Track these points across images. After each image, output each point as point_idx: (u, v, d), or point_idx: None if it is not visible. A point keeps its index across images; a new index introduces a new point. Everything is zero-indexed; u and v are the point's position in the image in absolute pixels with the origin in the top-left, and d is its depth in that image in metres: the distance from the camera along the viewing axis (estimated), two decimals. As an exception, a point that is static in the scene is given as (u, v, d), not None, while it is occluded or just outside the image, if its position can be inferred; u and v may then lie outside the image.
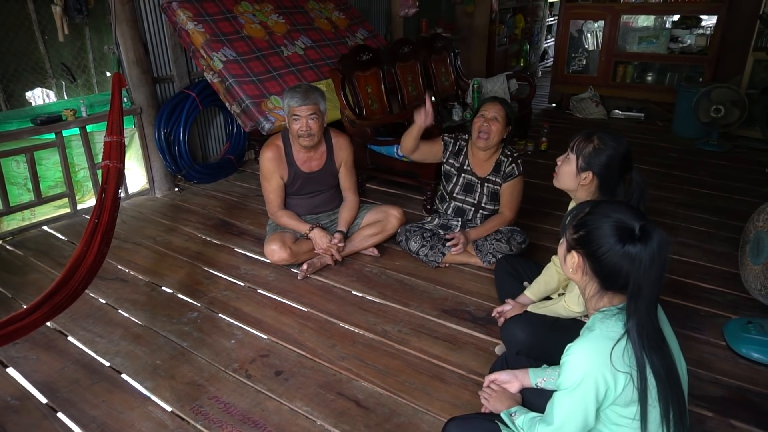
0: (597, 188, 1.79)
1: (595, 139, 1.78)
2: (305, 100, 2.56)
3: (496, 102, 2.61)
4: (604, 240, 1.17)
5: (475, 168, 2.74)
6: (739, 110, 4.56)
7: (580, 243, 1.23)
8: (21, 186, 3.36)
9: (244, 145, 4.34)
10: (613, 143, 1.77)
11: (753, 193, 3.76)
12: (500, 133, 2.59)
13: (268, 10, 4.10)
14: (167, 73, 3.92)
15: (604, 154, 1.76)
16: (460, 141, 2.79)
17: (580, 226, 1.23)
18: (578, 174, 1.80)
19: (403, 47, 4.11)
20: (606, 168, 1.76)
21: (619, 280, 1.18)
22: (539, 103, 6.37)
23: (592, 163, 1.77)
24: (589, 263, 1.22)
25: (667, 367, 1.15)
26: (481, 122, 2.58)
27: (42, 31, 3.28)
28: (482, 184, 2.73)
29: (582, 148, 1.79)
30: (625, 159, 1.76)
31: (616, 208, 1.20)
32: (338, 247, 2.73)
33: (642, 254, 1.11)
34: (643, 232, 1.12)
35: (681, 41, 5.64)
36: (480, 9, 6.81)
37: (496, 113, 2.57)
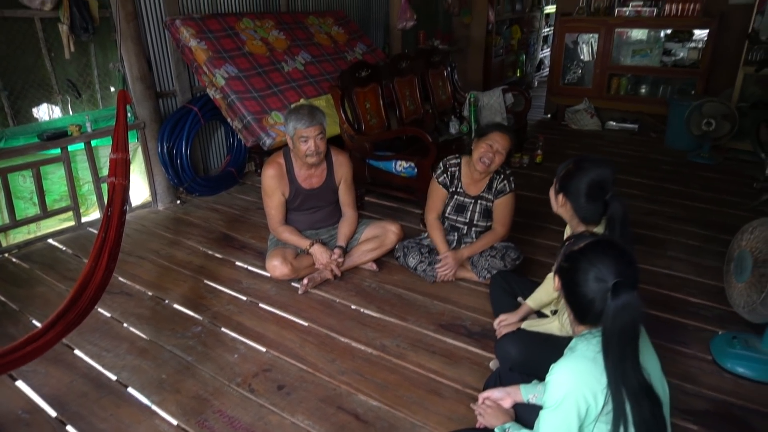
0: (574, 212, 1.84)
1: (571, 164, 1.84)
2: (312, 121, 2.63)
3: (506, 135, 2.66)
4: (581, 283, 1.27)
5: (468, 188, 2.82)
6: (729, 124, 4.67)
7: (562, 273, 1.32)
8: (27, 200, 3.43)
9: (244, 157, 4.42)
10: (586, 169, 1.79)
11: (743, 206, 3.85)
12: (500, 164, 2.68)
13: (269, 26, 4.19)
14: (170, 88, 4.00)
15: (574, 178, 1.80)
16: (450, 168, 2.84)
17: (568, 258, 1.32)
18: (556, 197, 1.88)
19: (401, 62, 4.20)
20: (575, 193, 1.79)
21: (588, 318, 1.27)
22: (535, 114, 6.47)
23: (563, 185, 1.83)
24: (566, 294, 1.31)
25: (647, 413, 1.20)
26: (487, 150, 2.64)
27: (48, 48, 3.35)
28: (475, 202, 2.81)
29: (560, 171, 1.87)
30: (598, 185, 1.76)
31: (601, 257, 1.26)
32: (338, 262, 2.80)
33: (608, 309, 1.19)
34: (614, 290, 1.20)
35: (674, 54, 5.75)
36: (477, 20, 6.93)
37: (502, 147, 2.63)
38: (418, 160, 3.42)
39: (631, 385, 1.18)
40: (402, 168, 3.51)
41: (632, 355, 1.20)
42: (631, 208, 3.82)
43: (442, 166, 2.86)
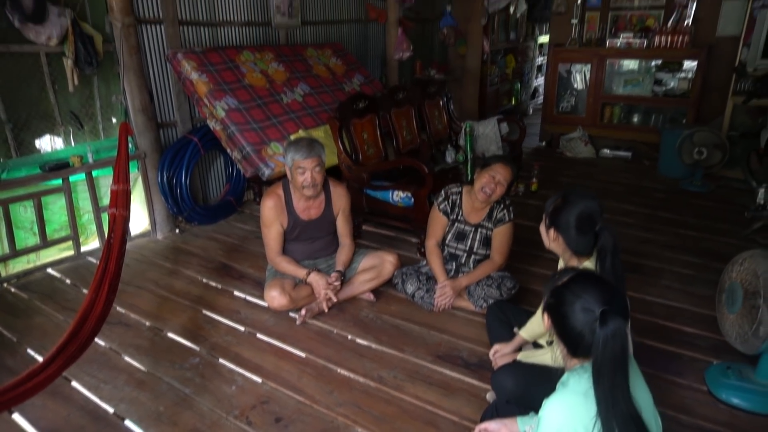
0: (566, 245, 1.89)
1: (559, 198, 1.89)
2: (310, 153, 2.69)
3: (508, 167, 2.73)
4: (569, 315, 1.30)
5: (469, 216, 2.88)
6: (720, 152, 4.75)
7: (550, 309, 1.36)
8: (27, 230, 3.46)
9: (243, 186, 4.48)
10: (574, 202, 1.83)
11: (736, 234, 3.90)
12: (501, 195, 2.75)
13: (268, 58, 4.28)
14: (171, 119, 4.08)
15: (563, 213, 1.84)
16: (452, 196, 2.91)
17: (553, 294, 1.36)
18: (547, 232, 1.93)
19: (398, 93, 4.29)
20: (566, 227, 1.84)
21: (579, 350, 1.30)
22: (530, 142, 6.56)
23: (553, 220, 1.88)
24: (556, 329, 1.35)
25: None
26: (489, 181, 2.70)
27: (53, 82, 3.43)
28: (475, 230, 2.87)
29: (549, 207, 1.92)
30: (587, 218, 1.81)
31: (586, 290, 1.31)
32: (335, 286, 2.83)
33: (598, 337, 1.23)
34: (602, 318, 1.23)
35: (664, 84, 5.88)
36: (472, 51, 7.09)
37: (504, 178, 2.70)
38: (415, 190, 3.47)
39: (621, 414, 1.20)
40: (399, 198, 3.56)
41: (623, 383, 1.22)
42: (625, 236, 3.88)
43: (443, 194, 2.93)
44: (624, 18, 5.99)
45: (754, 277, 2.07)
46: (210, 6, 4.15)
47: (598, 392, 1.22)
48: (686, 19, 5.49)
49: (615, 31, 6.00)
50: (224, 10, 4.27)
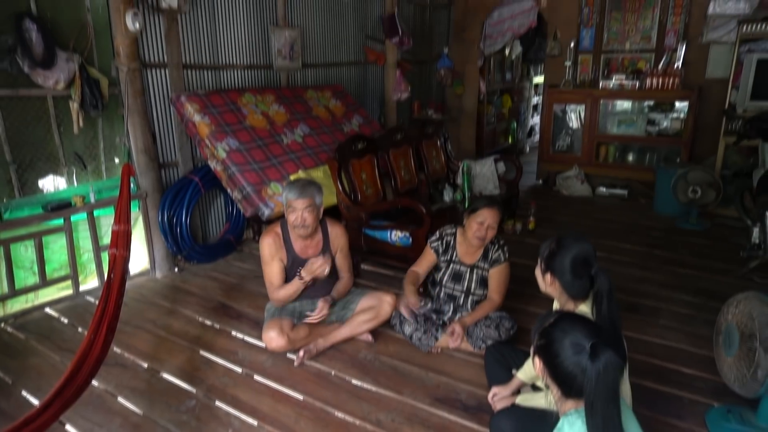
0: (563, 289, 1.91)
1: (553, 243, 1.92)
2: (301, 194, 2.75)
3: (495, 209, 2.79)
4: (560, 353, 1.32)
5: (464, 257, 2.92)
6: (714, 191, 4.81)
7: (541, 350, 1.37)
8: (27, 269, 3.47)
9: (242, 225, 4.51)
10: (568, 246, 1.87)
11: (732, 273, 3.91)
12: (494, 235, 2.81)
13: (269, 100, 4.39)
14: (172, 159, 4.14)
15: (557, 257, 1.88)
16: (446, 237, 2.96)
17: (542, 335, 1.38)
18: (543, 277, 1.95)
19: (396, 134, 4.38)
20: (561, 271, 1.86)
21: (573, 389, 1.31)
22: (527, 180, 6.64)
23: (549, 265, 1.91)
24: (548, 370, 1.36)
25: None
26: (479, 228, 2.77)
27: (58, 124, 3.50)
28: (471, 270, 2.90)
29: (543, 251, 1.95)
30: (582, 262, 1.84)
31: (574, 325, 1.34)
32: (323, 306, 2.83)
33: (590, 371, 1.24)
34: (592, 351, 1.25)
35: (657, 124, 6.00)
36: (469, 91, 7.26)
37: (493, 221, 2.77)
38: (413, 230, 3.51)
39: None
40: (397, 237, 3.59)
41: (616, 417, 1.23)
42: (622, 275, 3.89)
43: (438, 234, 2.99)
44: (616, 60, 6.16)
45: (750, 320, 2.08)
46: (213, 51, 4.28)
47: (590, 427, 1.23)
48: (676, 62, 5.65)
49: (608, 72, 6.16)
50: (227, 55, 4.40)
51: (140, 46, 3.75)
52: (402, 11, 6.02)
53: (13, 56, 3.12)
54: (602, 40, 6.17)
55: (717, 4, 5.34)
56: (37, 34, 3.18)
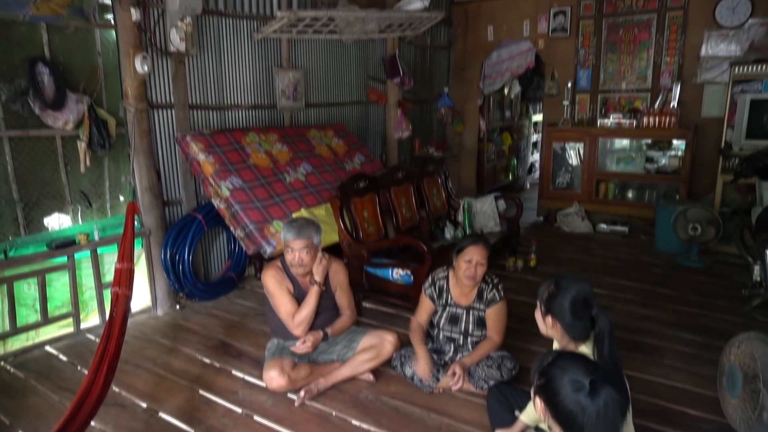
0: (564, 331, 1.92)
1: (552, 285, 1.93)
2: (299, 235, 2.79)
3: (481, 246, 2.80)
4: (560, 390, 1.32)
5: (459, 299, 2.92)
6: (714, 228, 4.83)
7: (541, 390, 1.38)
8: (29, 307, 3.48)
9: (244, 262, 4.53)
10: (567, 288, 1.88)
11: (735, 311, 3.90)
12: (484, 271, 2.81)
13: (273, 139, 4.47)
14: (176, 197, 4.20)
15: (557, 299, 1.88)
16: (439, 282, 2.96)
17: (542, 374, 1.38)
18: (544, 319, 1.95)
19: (398, 173, 4.44)
20: (562, 313, 1.87)
21: (575, 428, 1.31)
22: (528, 216, 6.66)
23: (549, 308, 1.92)
24: (549, 410, 1.36)
25: None
26: (468, 266, 2.78)
27: (66, 163, 3.58)
28: (467, 312, 2.89)
29: (542, 294, 1.96)
30: (582, 303, 1.85)
31: (572, 363, 1.35)
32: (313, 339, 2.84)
33: (590, 409, 1.24)
34: (592, 388, 1.26)
35: (656, 162, 6.07)
36: (469, 129, 7.38)
37: (481, 258, 2.78)
38: (414, 268, 3.53)
39: None
40: (399, 275, 3.60)
41: None
42: (624, 313, 3.88)
43: (430, 280, 2.99)
44: (613, 99, 6.28)
45: (752, 360, 2.07)
46: (219, 91, 4.39)
47: None
48: (672, 101, 5.76)
49: (605, 111, 6.27)
50: (232, 95, 4.51)
51: (148, 88, 3.85)
52: (403, 52, 6.18)
53: (25, 98, 3.21)
54: (599, 80, 6.30)
55: (709, 47, 5.50)
56: (49, 77, 3.29)
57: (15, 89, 3.20)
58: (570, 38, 6.36)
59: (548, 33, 6.49)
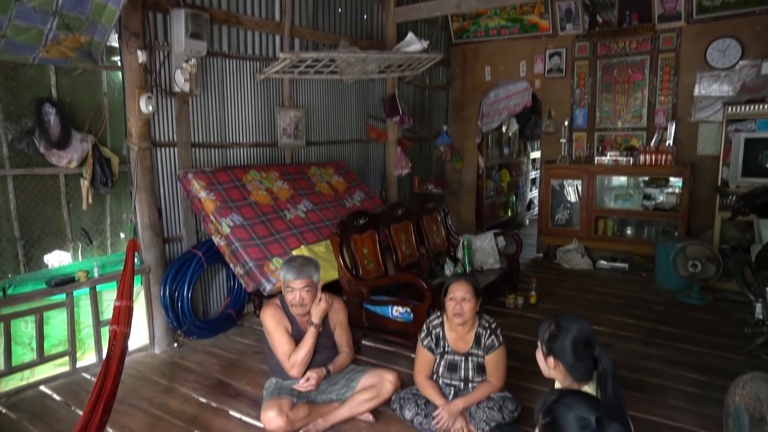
0: (567, 372, 1.90)
1: (552, 325, 1.92)
2: (299, 274, 2.79)
3: (462, 281, 2.79)
4: (566, 428, 1.31)
5: (456, 345, 2.85)
6: (714, 266, 4.83)
7: (546, 428, 1.37)
8: (25, 345, 3.44)
9: (243, 299, 4.51)
10: (567, 328, 1.87)
11: (738, 349, 3.86)
12: (473, 309, 2.76)
13: (274, 177, 4.52)
14: (177, 234, 4.21)
15: (558, 340, 1.87)
16: (434, 330, 2.89)
17: (546, 413, 1.37)
18: (546, 360, 1.94)
19: (397, 209, 4.47)
20: (563, 353, 1.85)
21: None
22: (528, 253, 6.67)
23: (551, 348, 1.90)
24: None
25: None
26: (453, 305, 2.75)
27: (68, 200, 3.60)
28: (466, 359, 2.83)
29: (543, 334, 1.94)
30: (583, 343, 1.84)
31: (577, 400, 1.34)
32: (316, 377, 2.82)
33: None
34: (598, 425, 1.25)
35: (653, 199, 6.12)
36: (468, 166, 7.46)
37: (464, 293, 2.74)
38: (414, 306, 3.51)
39: None
40: (398, 313, 3.58)
41: None
42: (626, 351, 3.84)
43: (425, 329, 2.91)
44: (609, 138, 6.38)
45: (758, 402, 2.05)
46: (221, 130, 4.46)
47: None
48: (667, 139, 5.85)
49: (602, 149, 6.35)
50: (234, 134, 4.58)
51: (152, 127, 3.92)
52: (402, 92, 6.32)
53: (30, 138, 3.27)
54: (595, 118, 6.42)
55: (702, 87, 5.63)
56: (55, 117, 3.35)
57: (21, 129, 3.25)
58: (566, 78, 6.51)
59: (544, 73, 6.65)
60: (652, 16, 5.78)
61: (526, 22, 6.62)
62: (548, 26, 6.47)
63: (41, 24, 2.81)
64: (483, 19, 6.94)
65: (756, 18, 5.32)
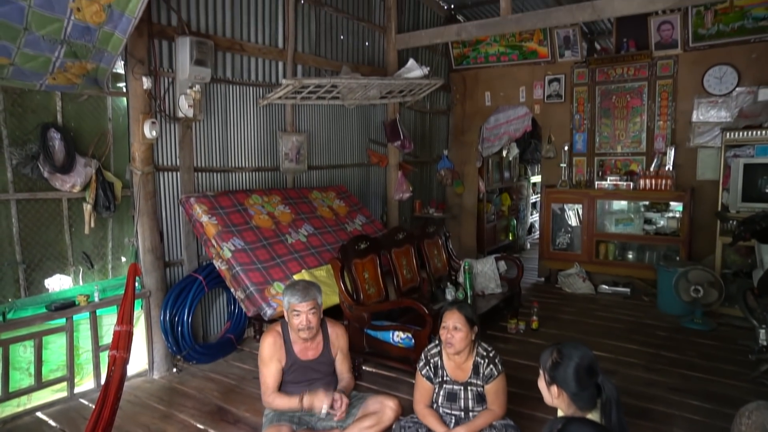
0: (570, 400, 1.88)
1: (554, 353, 1.90)
2: (305, 297, 2.77)
3: (454, 310, 2.73)
4: None
5: (454, 374, 2.79)
6: (716, 291, 4.81)
7: None
8: (23, 370, 3.41)
9: (244, 324, 4.48)
10: (570, 356, 1.84)
11: (743, 376, 3.82)
12: (465, 338, 2.68)
13: (275, 201, 4.54)
14: (178, 258, 4.21)
15: (561, 368, 1.84)
16: (432, 359, 2.84)
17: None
18: (549, 389, 1.91)
19: (398, 234, 4.48)
20: (566, 382, 1.83)
21: None
22: (529, 277, 6.65)
23: (553, 377, 1.87)
24: None
25: None
26: (444, 333, 2.70)
27: (70, 225, 3.62)
28: (465, 389, 2.77)
29: (545, 362, 1.92)
30: (586, 371, 1.81)
31: (584, 428, 1.33)
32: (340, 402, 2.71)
33: None
34: None
35: (654, 223, 6.13)
36: (468, 190, 7.49)
37: (455, 322, 2.68)
38: (416, 331, 3.49)
39: None
40: (399, 339, 3.56)
41: None
42: (630, 377, 3.81)
43: (424, 359, 2.86)
44: (609, 162, 6.42)
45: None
46: (224, 154, 4.50)
47: None
48: (667, 164, 5.88)
49: (602, 174, 6.39)
50: (237, 158, 4.62)
51: (155, 151, 3.95)
52: (403, 117, 6.38)
53: (35, 163, 3.30)
54: (594, 143, 6.47)
55: (699, 113, 5.69)
56: (60, 142, 3.39)
57: (26, 154, 3.29)
58: (565, 104, 6.58)
59: (543, 99, 6.73)
60: (649, 43, 5.88)
61: (525, 49, 6.73)
62: (547, 53, 6.57)
63: (49, 52, 2.87)
64: (483, 46, 7.05)
65: (751, 46, 5.41)
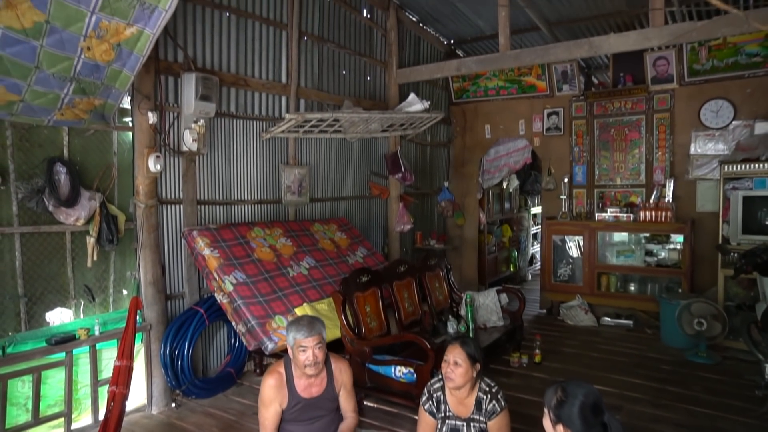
0: None
1: (558, 391, 1.88)
2: (311, 331, 2.74)
3: (456, 345, 2.70)
4: None
5: (457, 409, 2.75)
6: (720, 324, 4.78)
7: None
8: (20, 406, 3.37)
9: (244, 357, 4.44)
10: (575, 394, 1.84)
11: (750, 413, 3.76)
12: (465, 374, 2.63)
13: (277, 234, 4.56)
14: (179, 291, 4.21)
15: (566, 407, 1.83)
16: (435, 394, 2.80)
17: None
18: (554, 427, 1.89)
19: (400, 266, 4.48)
20: (572, 420, 1.81)
21: None
22: (531, 309, 6.61)
23: (559, 416, 1.86)
24: None
25: None
26: (446, 367, 2.67)
27: (73, 258, 3.63)
28: (468, 425, 2.73)
29: (550, 401, 1.91)
30: (591, 408, 1.80)
31: None
32: None
33: None
34: None
35: (655, 255, 6.12)
36: (469, 222, 7.52)
37: (456, 357, 2.64)
38: (418, 366, 3.46)
39: None
40: (401, 374, 3.53)
41: None
42: (635, 413, 3.75)
43: (426, 393, 2.82)
44: (609, 194, 6.46)
45: (771, 470, 1.99)
46: (227, 188, 4.54)
47: None
48: (666, 196, 5.92)
49: (602, 205, 6.42)
50: (240, 191, 4.66)
51: (159, 185, 3.99)
52: (404, 149, 6.46)
53: (40, 196, 3.33)
54: (594, 175, 6.53)
55: (697, 146, 5.76)
56: (66, 175, 3.43)
57: (32, 188, 3.32)
58: (564, 136, 6.66)
59: (543, 131, 6.82)
60: (646, 78, 5.99)
61: (524, 83, 6.86)
62: (545, 87, 6.69)
63: (58, 89, 2.93)
64: (482, 80, 7.18)
65: (745, 81, 5.51)
